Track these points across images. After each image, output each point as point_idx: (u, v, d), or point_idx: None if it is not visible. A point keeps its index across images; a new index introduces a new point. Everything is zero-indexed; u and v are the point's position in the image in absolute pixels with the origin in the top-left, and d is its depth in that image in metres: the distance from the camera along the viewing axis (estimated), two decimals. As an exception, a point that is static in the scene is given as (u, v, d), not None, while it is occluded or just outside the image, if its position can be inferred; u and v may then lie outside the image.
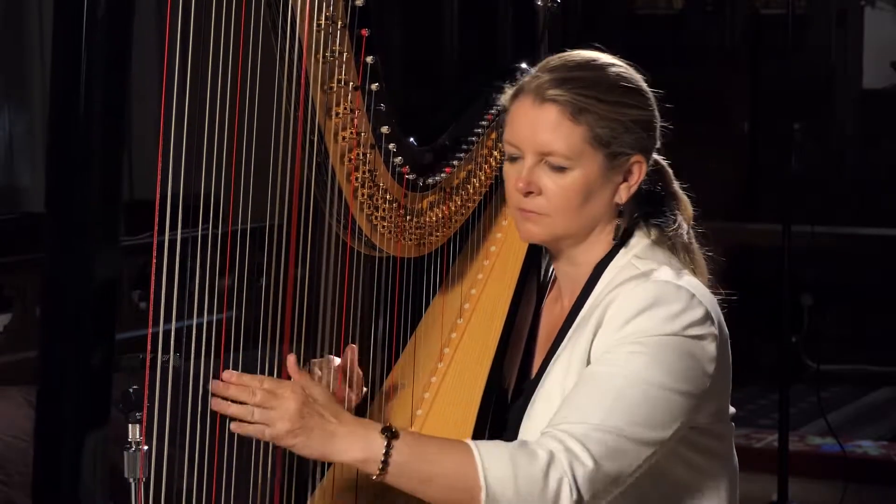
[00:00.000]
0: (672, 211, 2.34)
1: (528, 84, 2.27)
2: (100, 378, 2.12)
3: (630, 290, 2.21)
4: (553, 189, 2.25)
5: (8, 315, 4.85)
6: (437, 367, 2.47)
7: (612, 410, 2.13)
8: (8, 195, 5.76)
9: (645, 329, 2.17)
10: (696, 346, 2.19)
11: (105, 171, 2.09)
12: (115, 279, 2.11)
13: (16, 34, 5.67)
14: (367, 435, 2.09)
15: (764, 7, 7.90)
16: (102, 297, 2.11)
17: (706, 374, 2.20)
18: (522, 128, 2.25)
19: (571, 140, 2.22)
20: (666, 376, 2.16)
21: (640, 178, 2.28)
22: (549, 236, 2.30)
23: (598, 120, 2.22)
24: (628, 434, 2.13)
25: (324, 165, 2.30)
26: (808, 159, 6.56)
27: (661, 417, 2.15)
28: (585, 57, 2.30)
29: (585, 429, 2.11)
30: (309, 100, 2.25)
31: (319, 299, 2.31)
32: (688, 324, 2.18)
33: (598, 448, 2.11)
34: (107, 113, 2.07)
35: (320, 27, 2.24)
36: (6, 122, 5.70)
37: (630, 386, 2.14)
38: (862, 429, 6.08)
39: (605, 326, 2.20)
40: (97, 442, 2.12)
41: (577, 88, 2.23)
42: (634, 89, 2.28)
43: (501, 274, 2.50)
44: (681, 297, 2.20)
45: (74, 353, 2.10)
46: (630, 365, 2.15)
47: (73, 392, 2.11)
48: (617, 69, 2.28)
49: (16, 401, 4.02)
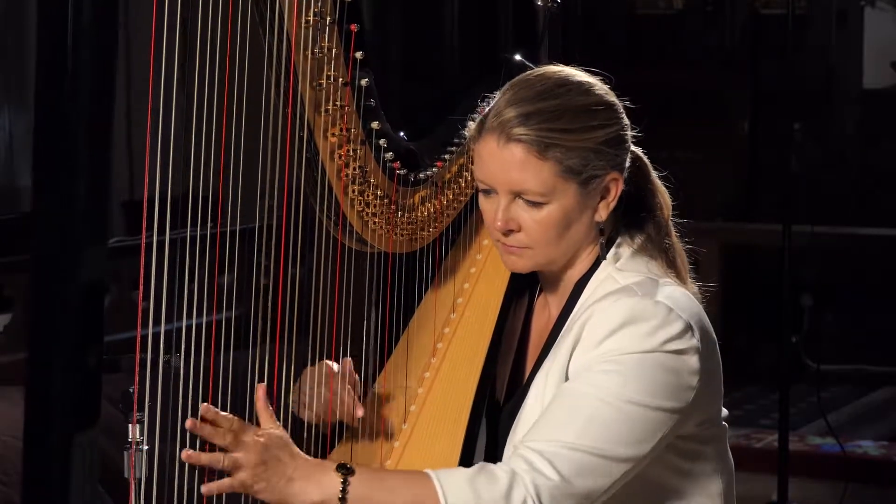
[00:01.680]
0: (650, 210, 2.33)
1: (491, 121, 2.23)
2: (89, 379, 2.11)
3: (606, 308, 2.19)
4: (531, 224, 2.24)
5: (8, 315, 4.85)
6: (430, 363, 2.47)
7: (586, 429, 2.12)
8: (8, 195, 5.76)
9: (621, 347, 2.16)
10: (677, 361, 2.17)
11: (92, 171, 2.08)
12: (103, 279, 2.10)
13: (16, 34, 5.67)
14: (323, 476, 2.10)
15: (764, 7, 7.89)
16: (90, 298, 2.10)
17: (689, 387, 2.19)
18: (491, 168, 2.23)
19: (542, 177, 2.21)
20: (642, 393, 2.14)
21: (618, 193, 2.26)
22: (534, 267, 2.31)
23: (567, 152, 2.20)
24: (601, 451, 2.12)
25: (314, 162, 2.30)
26: (808, 159, 6.56)
27: (638, 434, 2.14)
28: (548, 80, 2.25)
29: (556, 447, 2.11)
30: (298, 96, 2.25)
31: (312, 296, 2.31)
32: (665, 339, 2.17)
33: (566, 465, 2.10)
34: (93, 112, 2.06)
35: (309, 23, 2.24)
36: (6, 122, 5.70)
37: (604, 404, 2.13)
38: (862, 429, 6.07)
39: (582, 343, 2.20)
40: (87, 443, 2.11)
41: (541, 123, 2.20)
42: (600, 108, 2.24)
43: (494, 268, 2.50)
44: (658, 312, 2.18)
45: (62, 353, 2.09)
46: (605, 383, 2.14)
47: (61, 393, 2.11)
48: (582, 88, 2.25)
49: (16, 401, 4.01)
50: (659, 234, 2.31)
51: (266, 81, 2.24)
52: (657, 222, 2.32)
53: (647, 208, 2.33)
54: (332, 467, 2.10)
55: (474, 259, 2.55)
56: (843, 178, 7.72)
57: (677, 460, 2.24)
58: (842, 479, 5.13)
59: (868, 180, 7.71)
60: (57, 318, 2.09)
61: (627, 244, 2.30)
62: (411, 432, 2.39)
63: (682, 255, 2.34)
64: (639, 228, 2.32)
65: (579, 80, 2.26)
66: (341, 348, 2.39)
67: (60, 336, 2.09)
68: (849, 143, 7.88)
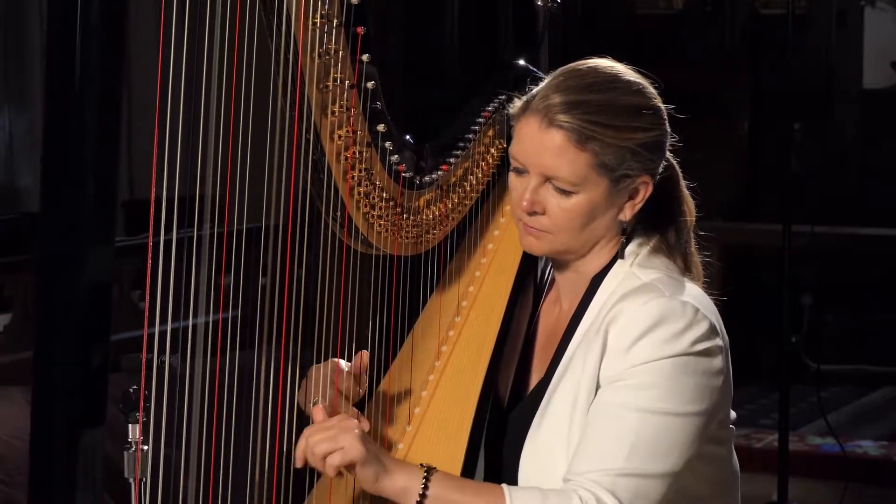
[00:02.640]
0: (674, 216, 2.34)
1: (537, 103, 2.25)
2: (95, 378, 2.11)
3: (634, 310, 2.20)
4: (556, 211, 2.25)
5: (8, 315, 4.85)
6: (435, 366, 2.47)
7: (634, 451, 2.14)
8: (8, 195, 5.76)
9: (650, 353, 2.18)
10: (704, 363, 2.20)
11: (100, 171, 2.09)
12: (109, 279, 2.11)
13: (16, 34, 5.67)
14: (410, 469, 2.19)
15: (764, 7, 7.89)
16: (97, 297, 2.11)
17: (715, 388, 2.21)
18: (528, 148, 2.25)
19: (576, 166, 2.22)
20: (680, 403, 2.17)
21: (646, 197, 2.27)
22: (550, 252, 2.32)
23: (605, 147, 2.21)
24: (652, 471, 2.15)
25: (320, 164, 2.30)
26: (808, 159, 6.56)
27: (681, 444, 2.17)
28: (600, 74, 2.26)
29: (611, 477, 2.13)
30: (305, 98, 2.25)
31: (317, 298, 2.31)
32: (693, 340, 2.19)
33: (626, 494, 2.13)
34: (102, 113, 2.07)
35: (315, 25, 2.24)
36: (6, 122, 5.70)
37: (646, 422, 2.15)
38: (862, 429, 6.07)
39: (612, 348, 2.21)
40: (92, 441, 2.11)
41: (586, 115, 2.21)
42: (645, 111, 2.25)
43: (499, 272, 2.50)
44: (686, 313, 2.20)
45: (68, 353, 2.10)
46: (642, 398, 2.16)
47: (67, 392, 2.11)
48: (631, 88, 2.26)
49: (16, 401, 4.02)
50: (679, 240, 2.32)
51: (272, 83, 2.24)
52: (679, 228, 2.33)
53: (671, 214, 2.33)
54: (415, 465, 2.20)
55: (479, 262, 2.55)
56: (843, 178, 7.72)
57: (696, 462, 2.24)
58: (842, 479, 5.14)
59: (868, 180, 7.71)
60: (63, 317, 2.10)
61: (646, 244, 2.31)
62: (415, 435, 2.39)
63: (698, 266, 2.35)
64: (660, 231, 2.33)
65: (629, 80, 2.27)
66: (346, 351, 2.39)
67: (66, 335, 2.10)
68: (849, 143, 7.88)
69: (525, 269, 2.49)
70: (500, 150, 2.56)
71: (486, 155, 2.54)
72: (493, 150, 2.55)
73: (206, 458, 2.21)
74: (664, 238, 2.32)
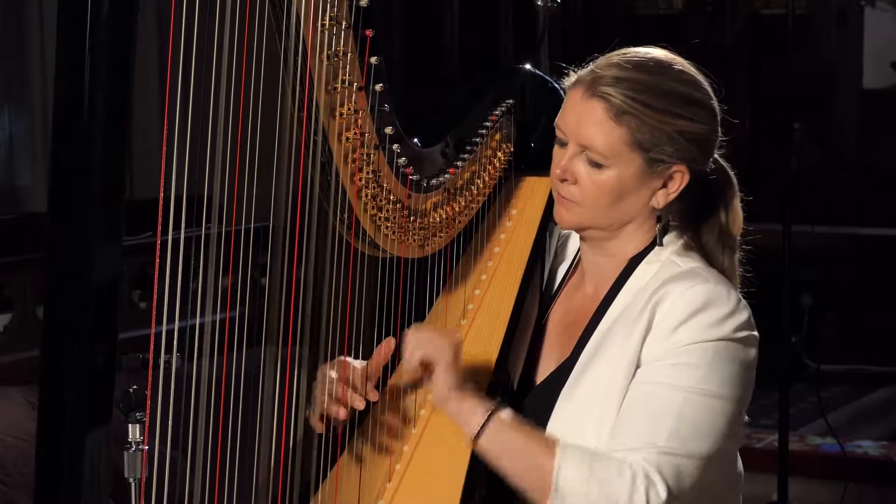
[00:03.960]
0: (717, 222, 2.34)
1: (586, 75, 2.28)
2: (102, 378, 2.11)
3: (682, 292, 2.22)
4: (587, 182, 2.27)
5: (8, 315, 4.86)
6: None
7: (677, 429, 2.16)
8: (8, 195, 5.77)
9: (695, 335, 2.19)
10: (743, 352, 2.22)
11: (108, 171, 2.09)
12: (116, 278, 2.11)
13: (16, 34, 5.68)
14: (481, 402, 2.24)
15: (764, 7, 7.90)
16: (104, 297, 2.11)
17: (750, 379, 2.24)
18: (569, 117, 2.28)
19: (610, 139, 2.24)
20: (720, 386, 2.18)
21: (681, 187, 2.28)
22: (578, 225, 2.33)
23: (641, 125, 2.22)
24: (692, 451, 2.16)
25: (328, 166, 2.30)
26: (808, 159, 6.56)
27: (719, 427, 2.18)
28: (652, 58, 2.28)
29: (656, 454, 2.14)
30: (313, 100, 2.25)
31: (323, 300, 2.31)
32: (736, 327, 2.21)
33: (669, 473, 2.14)
34: (110, 112, 2.06)
35: (324, 27, 2.24)
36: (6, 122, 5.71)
37: (689, 401, 2.17)
38: (862, 429, 6.07)
39: (656, 329, 2.22)
40: (99, 441, 2.11)
41: (628, 90, 2.23)
42: (691, 101, 2.26)
43: (505, 275, 2.50)
44: (730, 299, 2.22)
45: (76, 352, 2.10)
46: (685, 378, 2.18)
47: (75, 392, 2.11)
48: (682, 77, 2.27)
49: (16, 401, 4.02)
50: (716, 246, 2.33)
51: (281, 85, 2.24)
52: (720, 235, 2.34)
53: (713, 218, 2.34)
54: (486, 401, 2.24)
55: (485, 266, 2.55)
56: (843, 178, 7.73)
57: (718, 458, 2.25)
58: (842, 479, 5.14)
59: (868, 180, 7.72)
60: (71, 316, 2.09)
61: (681, 238, 2.32)
62: (421, 435, 2.39)
63: (737, 278, 2.35)
64: (697, 231, 2.34)
65: (683, 70, 2.28)
66: (351, 353, 2.39)
67: (74, 334, 2.09)
68: (849, 143, 7.89)
69: (531, 273, 2.48)
70: (506, 154, 2.57)
71: (493, 159, 2.54)
72: (500, 153, 2.55)
73: (210, 458, 2.21)
74: (700, 238, 2.33)
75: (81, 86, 2.03)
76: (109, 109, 2.06)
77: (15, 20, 5.68)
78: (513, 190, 2.61)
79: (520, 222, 2.57)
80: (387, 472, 2.35)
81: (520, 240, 2.52)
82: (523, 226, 2.55)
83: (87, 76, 2.03)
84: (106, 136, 2.06)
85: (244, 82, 2.13)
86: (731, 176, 2.36)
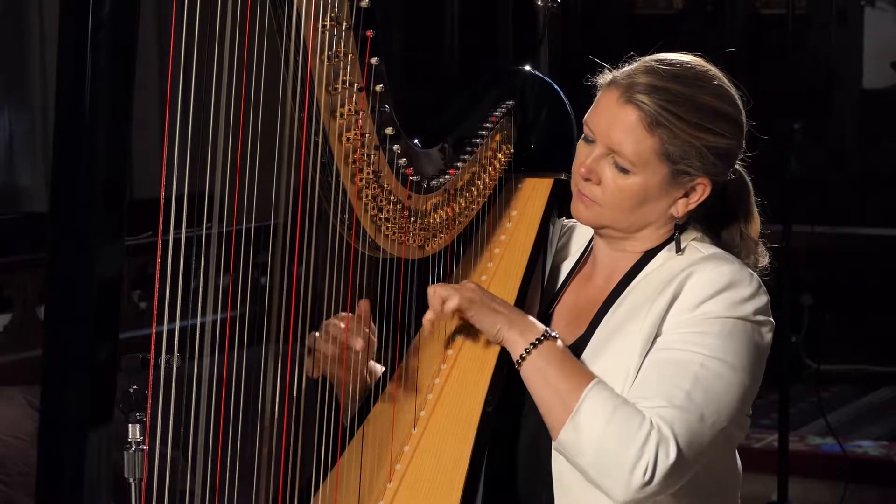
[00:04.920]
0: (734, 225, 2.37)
1: (622, 78, 2.28)
2: (102, 378, 2.11)
3: (710, 269, 2.26)
4: (611, 185, 2.29)
5: (8, 315, 4.86)
6: (441, 369, 2.46)
7: (693, 389, 2.19)
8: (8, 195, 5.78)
9: (717, 310, 2.23)
10: (759, 334, 2.25)
11: (109, 171, 2.09)
12: (118, 278, 2.11)
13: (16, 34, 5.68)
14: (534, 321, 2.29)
15: (764, 7, 7.91)
16: (106, 296, 2.11)
17: (763, 361, 2.27)
18: (601, 119, 2.28)
19: (641, 148, 2.25)
20: (737, 358, 2.21)
21: (702, 199, 2.30)
22: (596, 224, 2.36)
23: (673, 137, 2.24)
24: (706, 417, 2.18)
25: (328, 166, 2.30)
26: (808, 159, 6.56)
27: (732, 399, 2.21)
28: (689, 69, 2.28)
29: (672, 410, 2.17)
30: (314, 101, 2.26)
31: (323, 300, 2.31)
32: (756, 309, 2.25)
33: (681, 430, 2.16)
34: (111, 112, 2.06)
35: (325, 28, 2.24)
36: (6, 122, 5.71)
37: (707, 366, 2.20)
38: (862, 429, 6.08)
39: (680, 303, 2.25)
40: (101, 441, 2.11)
41: (663, 101, 2.23)
42: (723, 116, 2.27)
43: (505, 276, 2.50)
44: (753, 282, 2.26)
45: (77, 352, 2.10)
46: (705, 346, 2.21)
47: (75, 392, 2.11)
48: (716, 91, 2.27)
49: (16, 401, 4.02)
50: (732, 248, 2.35)
51: (282, 85, 2.24)
52: (738, 237, 2.37)
53: (731, 222, 2.38)
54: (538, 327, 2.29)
55: (486, 267, 2.55)
56: (843, 178, 7.73)
57: (724, 446, 2.28)
58: (842, 479, 5.14)
59: (868, 180, 7.72)
60: (71, 316, 2.09)
61: (697, 233, 2.35)
62: (421, 436, 2.39)
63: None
64: (714, 232, 2.37)
65: (717, 84, 2.29)
66: (351, 353, 2.39)
67: (74, 334, 2.09)
68: (849, 143, 7.89)
69: (531, 274, 2.49)
70: (507, 156, 2.57)
71: (493, 160, 2.55)
72: (501, 155, 2.56)
73: (210, 458, 2.21)
74: (719, 239, 2.36)
75: (82, 85, 2.03)
76: (110, 109, 2.06)
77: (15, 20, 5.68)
78: (513, 191, 2.61)
79: (520, 223, 2.57)
80: (387, 472, 2.35)
81: (520, 241, 2.53)
82: (523, 227, 2.56)
83: (88, 76, 2.03)
84: (107, 135, 2.06)
85: (245, 83, 2.13)
86: (747, 181, 2.38)
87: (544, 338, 2.26)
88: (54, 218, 2.09)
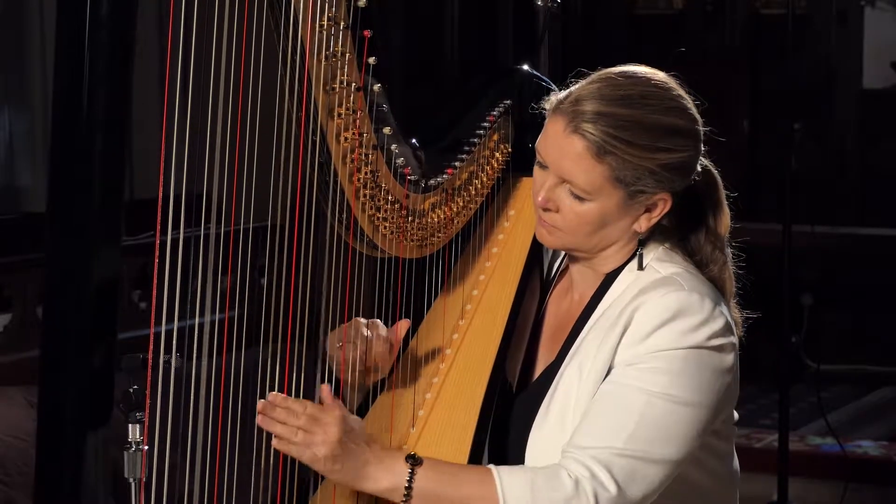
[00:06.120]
0: (701, 223, 2.33)
1: (567, 105, 2.24)
2: (101, 377, 2.12)
3: (656, 300, 2.21)
4: (569, 213, 2.26)
5: (8, 315, 4.86)
6: (439, 368, 2.46)
7: (636, 433, 2.15)
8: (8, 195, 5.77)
9: (667, 342, 2.19)
10: (716, 358, 2.20)
11: (107, 171, 2.09)
12: (116, 278, 2.11)
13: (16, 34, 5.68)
14: (394, 463, 2.18)
15: (764, 7, 7.91)
16: (104, 297, 2.11)
17: (724, 384, 2.22)
18: (551, 149, 2.26)
19: (591, 176, 2.22)
20: (688, 392, 2.18)
21: (665, 212, 2.27)
22: (561, 248, 2.36)
23: (623, 163, 2.20)
24: (652, 456, 2.15)
25: (326, 166, 2.30)
26: (808, 159, 6.55)
27: (684, 434, 2.18)
28: (636, 87, 2.23)
29: (609, 454, 2.14)
30: (311, 100, 2.26)
31: (321, 300, 2.31)
32: (709, 335, 2.20)
33: (622, 474, 2.14)
34: (110, 112, 2.07)
35: (323, 28, 2.25)
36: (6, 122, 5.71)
37: (653, 405, 2.16)
38: (862, 429, 6.07)
39: (630, 335, 2.22)
40: (99, 441, 2.11)
41: (609, 128, 2.19)
42: (675, 131, 2.22)
43: (503, 275, 2.50)
44: (704, 307, 2.21)
45: (76, 352, 2.10)
46: (652, 383, 2.17)
47: (75, 392, 2.11)
48: (665, 105, 2.22)
49: (16, 401, 4.02)
50: (701, 248, 2.33)
51: (280, 85, 2.24)
52: (710, 236, 2.33)
53: (697, 220, 2.34)
54: (401, 456, 2.18)
55: (483, 266, 2.55)
56: (843, 178, 7.72)
57: (704, 456, 2.26)
58: (842, 479, 5.13)
59: (868, 180, 7.72)
60: (71, 316, 2.10)
61: (663, 242, 2.31)
62: (419, 436, 2.39)
63: (727, 280, 2.34)
64: (680, 234, 2.33)
65: (666, 97, 2.24)
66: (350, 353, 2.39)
67: (74, 334, 2.10)
68: (849, 143, 7.88)
69: (529, 272, 2.49)
70: (504, 155, 2.57)
71: (490, 159, 2.54)
72: (498, 154, 2.55)
73: (209, 458, 2.21)
74: (688, 242, 2.33)
75: (81, 86, 2.04)
76: (109, 109, 2.07)
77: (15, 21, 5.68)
78: (511, 190, 2.61)
79: (518, 222, 2.57)
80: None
81: (518, 240, 2.53)
82: (521, 226, 2.56)
83: (86, 76, 2.03)
84: (106, 136, 2.07)
85: (243, 83, 2.13)
86: (715, 176, 2.34)
87: (414, 459, 2.18)
88: (53, 218, 2.09)
